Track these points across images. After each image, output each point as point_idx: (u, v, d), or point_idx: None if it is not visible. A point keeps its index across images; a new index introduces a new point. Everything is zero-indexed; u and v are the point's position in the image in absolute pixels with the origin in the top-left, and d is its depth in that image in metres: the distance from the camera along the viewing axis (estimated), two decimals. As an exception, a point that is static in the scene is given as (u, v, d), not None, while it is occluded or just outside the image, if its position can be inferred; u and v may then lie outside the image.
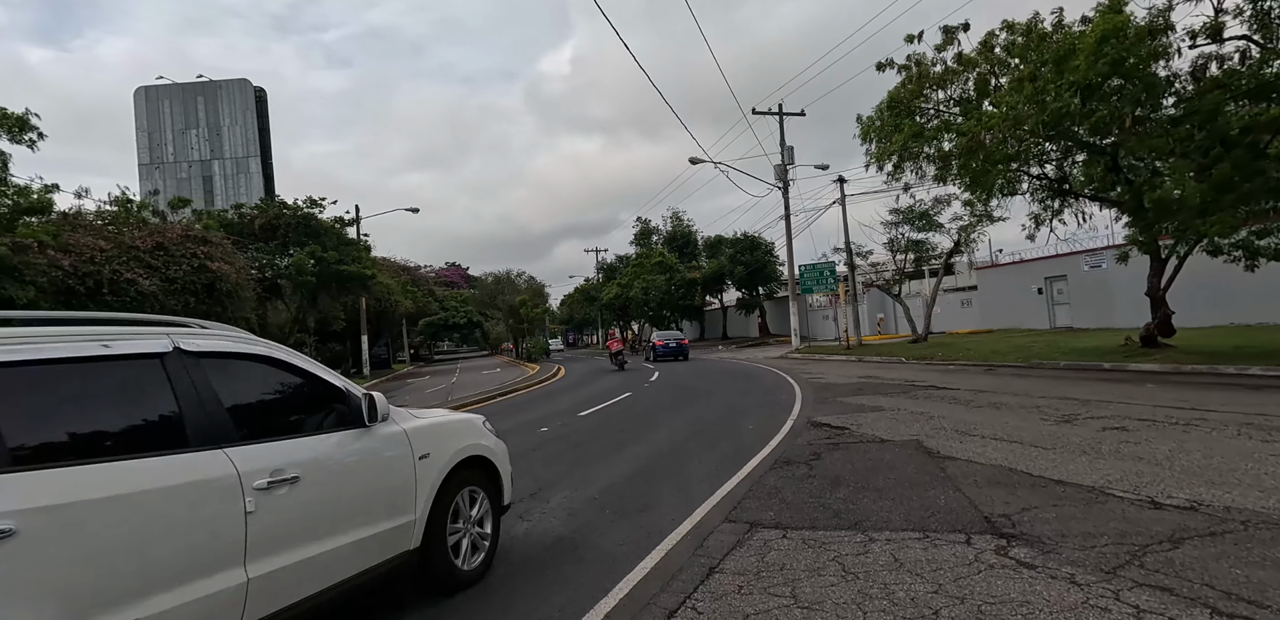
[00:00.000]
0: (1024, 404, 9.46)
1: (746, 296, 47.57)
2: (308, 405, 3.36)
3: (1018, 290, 28.04)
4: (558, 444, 9.05)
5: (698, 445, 8.22)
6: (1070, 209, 16.19)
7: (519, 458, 8.07)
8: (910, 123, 12.72)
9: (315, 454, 3.11)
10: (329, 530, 3.06)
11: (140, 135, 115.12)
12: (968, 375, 14.40)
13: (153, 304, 15.97)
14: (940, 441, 7.14)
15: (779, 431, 8.67)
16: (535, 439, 9.64)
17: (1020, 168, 15.05)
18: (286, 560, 2.80)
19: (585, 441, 9.14)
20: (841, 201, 25.22)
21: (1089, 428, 7.33)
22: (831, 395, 12.24)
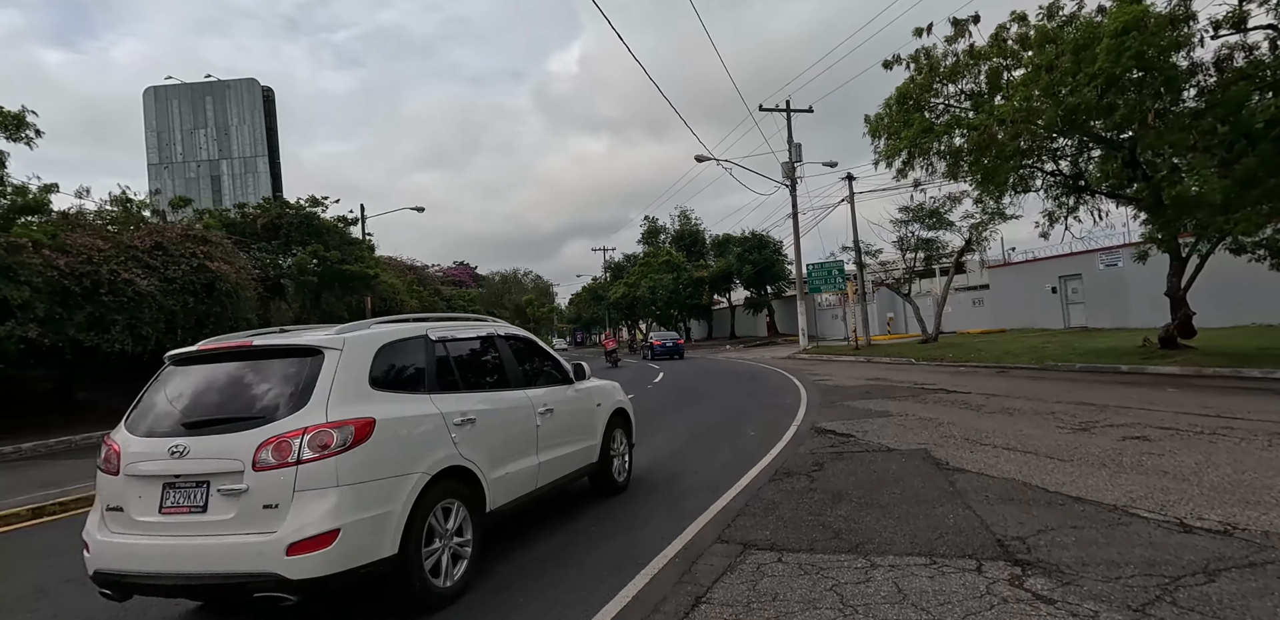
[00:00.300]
0: (1038, 409, 9.07)
1: (755, 296, 47.15)
2: (548, 368, 5.60)
3: (1031, 289, 27.50)
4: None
5: (696, 452, 7.89)
6: (1086, 206, 15.71)
7: None
8: (920, 118, 12.31)
9: (558, 397, 5.35)
10: (566, 441, 5.33)
11: (149, 135, 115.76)
12: (979, 377, 13.99)
13: (150, 304, 15.81)
14: (949, 451, 6.77)
15: (781, 438, 8.33)
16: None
17: (1034, 164, 14.62)
18: (549, 456, 5.02)
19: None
20: (850, 199, 24.78)
21: (1108, 437, 6.94)
22: (837, 399, 11.88)
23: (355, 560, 3.25)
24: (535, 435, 4.85)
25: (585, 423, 5.68)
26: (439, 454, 3.85)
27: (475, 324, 5.10)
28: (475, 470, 4.07)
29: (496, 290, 48.30)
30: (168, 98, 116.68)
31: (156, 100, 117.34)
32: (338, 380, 3.56)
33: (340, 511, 3.23)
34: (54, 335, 14.19)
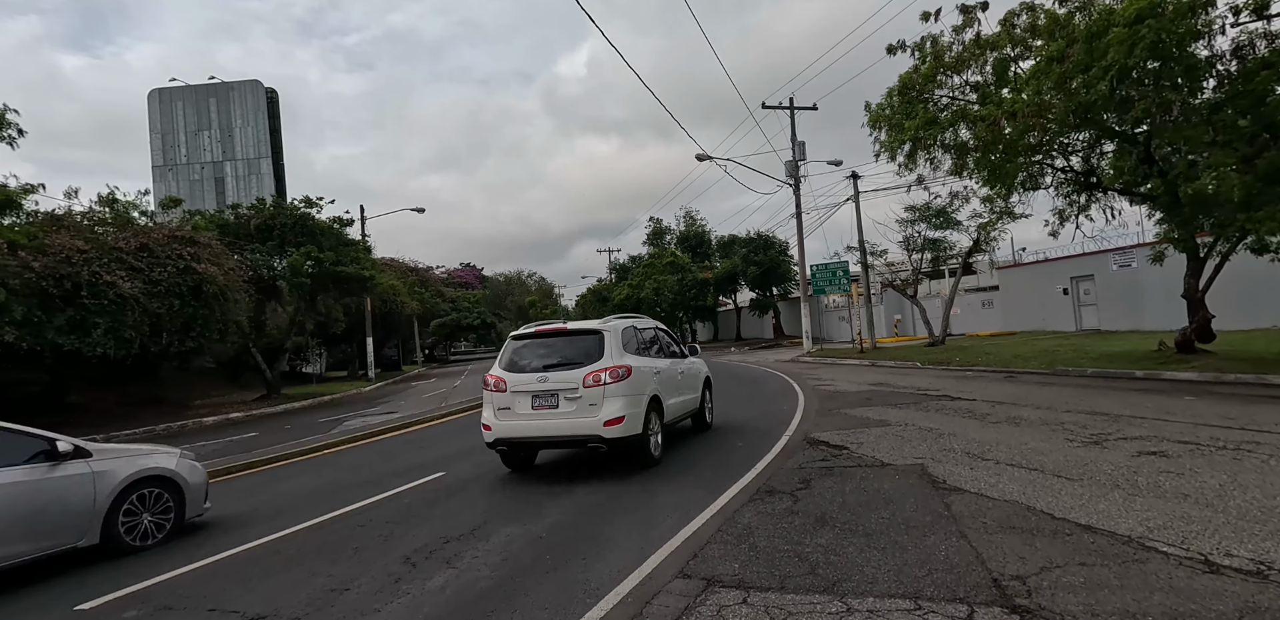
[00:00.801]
0: (1046, 419, 8.50)
1: (760, 297, 46.51)
2: (677, 349, 9.10)
3: (1042, 290, 26.80)
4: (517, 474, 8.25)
5: (677, 465, 7.39)
6: (1098, 204, 15.08)
7: (475, 481, 7.29)
8: (923, 110, 11.75)
9: (685, 365, 8.93)
10: (689, 390, 8.94)
11: (154, 137, 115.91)
12: (986, 383, 13.40)
13: (133, 307, 15.49)
14: (948, 467, 6.24)
15: (770, 450, 7.82)
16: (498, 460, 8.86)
17: (1043, 160, 14.02)
18: (682, 397, 8.66)
19: (555, 460, 8.34)
20: (855, 198, 24.18)
21: (1121, 452, 6.39)
22: (836, 406, 11.34)
23: (628, 432, 6.93)
24: (678, 383, 8.59)
25: (695, 382, 9.33)
26: (651, 387, 7.51)
27: (648, 321, 8.91)
28: (661, 398, 7.76)
29: (500, 291, 47.99)
30: (172, 100, 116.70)
31: (161, 102, 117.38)
32: (612, 346, 7.21)
33: (623, 407, 6.91)
34: (32, 339, 13.88)
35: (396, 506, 6.58)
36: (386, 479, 7.90)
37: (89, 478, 5.46)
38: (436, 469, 8.27)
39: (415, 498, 6.91)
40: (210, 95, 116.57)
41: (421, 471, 8.16)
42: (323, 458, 10.03)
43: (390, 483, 7.64)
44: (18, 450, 5.20)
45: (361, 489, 7.47)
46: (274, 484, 8.23)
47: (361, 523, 6.00)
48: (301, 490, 7.69)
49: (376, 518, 6.21)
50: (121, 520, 5.60)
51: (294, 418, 18.30)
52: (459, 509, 6.28)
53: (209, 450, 12.34)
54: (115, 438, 15.51)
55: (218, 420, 18.46)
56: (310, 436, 12.76)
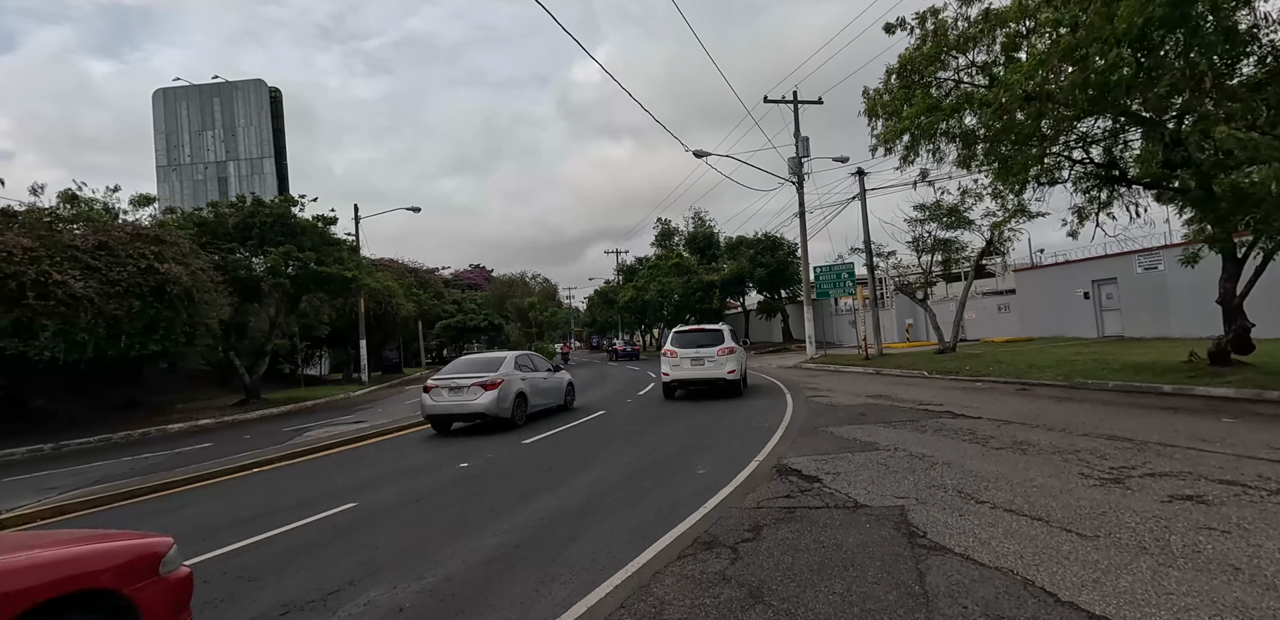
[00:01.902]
0: (1059, 446, 7.29)
1: (768, 300, 45.24)
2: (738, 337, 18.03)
3: (1061, 294, 25.35)
4: (446, 495, 7.21)
5: (617, 501, 6.29)
6: (1121, 200, 13.77)
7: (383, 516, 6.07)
8: (923, 94, 10.55)
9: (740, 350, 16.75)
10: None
11: (158, 138, 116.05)
12: (995, 397, 12.16)
13: (86, 308, 14.65)
14: (933, 512, 5.10)
15: (732, 480, 6.70)
16: (429, 483, 7.82)
17: (1060, 151, 12.75)
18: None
19: (487, 490, 7.27)
20: (861, 196, 22.89)
21: (1149, 495, 5.20)
22: (824, 422, 10.18)
23: (738, 377, 14.85)
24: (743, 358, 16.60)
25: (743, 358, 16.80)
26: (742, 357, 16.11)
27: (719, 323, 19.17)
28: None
29: (501, 293, 47.05)
30: (176, 99, 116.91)
31: (165, 102, 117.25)
32: (729, 336, 15.09)
33: (735, 366, 14.71)
34: (-32, 342, 13.05)
35: (269, 552, 5.54)
36: (289, 511, 6.88)
37: (564, 378, 15.10)
38: (353, 497, 7.23)
39: (300, 539, 5.87)
40: (214, 95, 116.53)
41: (334, 500, 7.13)
42: (243, 479, 9.04)
43: (288, 516, 6.61)
44: (548, 367, 14.50)
45: (250, 524, 6.45)
46: (161, 516, 7.24)
47: (211, 576, 4.97)
48: (183, 524, 6.68)
49: (236, 567, 5.18)
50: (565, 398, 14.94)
51: (263, 425, 17.42)
52: (338, 556, 5.24)
53: (148, 464, 11.43)
54: (65, 447, 14.72)
55: (184, 427, 17.61)
56: (256, 449, 11.81)
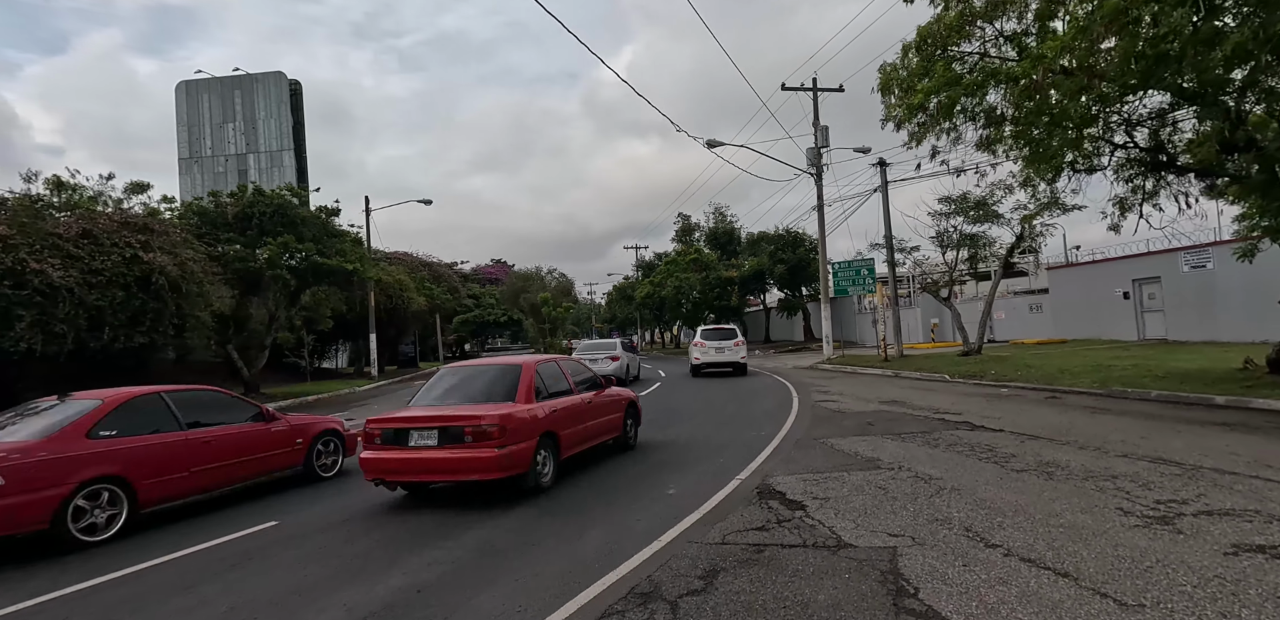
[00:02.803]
0: (1093, 469, 6.21)
1: (789, 297, 43.93)
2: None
3: (1098, 294, 23.80)
4: (368, 521, 6.37)
5: (567, 525, 5.39)
6: (1168, 189, 12.47)
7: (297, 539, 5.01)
8: (944, 66, 9.40)
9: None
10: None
11: (180, 130, 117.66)
12: (1021, 406, 11.00)
13: (65, 298, 14.18)
14: (932, 559, 4.10)
15: (703, 505, 5.76)
16: (347, 505, 6.99)
17: (1100, 135, 11.51)
18: None
19: (412, 513, 6.42)
20: (883, 189, 21.64)
21: (1207, 544, 4.14)
22: (826, 433, 9.16)
23: (745, 361, 21.88)
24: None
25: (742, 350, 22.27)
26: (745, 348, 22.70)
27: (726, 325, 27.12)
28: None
29: (516, 288, 46.43)
30: (198, 92, 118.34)
31: (188, 95, 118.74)
32: (740, 334, 22.44)
33: (744, 354, 21.65)
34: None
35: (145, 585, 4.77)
36: (207, 527, 6.11)
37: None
38: (278, 513, 6.44)
39: (188, 566, 5.08)
40: (235, 87, 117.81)
41: (258, 517, 6.34)
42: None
43: (202, 534, 5.84)
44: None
45: (154, 544, 5.70)
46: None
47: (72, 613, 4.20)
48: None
49: (99, 603, 4.40)
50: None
51: (251, 421, 16.87)
52: (217, 594, 4.42)
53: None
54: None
55: (172, 422, 17.13)
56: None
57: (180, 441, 6.64)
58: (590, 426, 7.88)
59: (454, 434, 6.13)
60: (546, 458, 6.78)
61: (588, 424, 7.80)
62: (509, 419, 6.25)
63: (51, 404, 6.57)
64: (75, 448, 5.79)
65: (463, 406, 6.64)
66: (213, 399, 7.61)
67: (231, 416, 7.41)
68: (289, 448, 7.81)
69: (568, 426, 7.23)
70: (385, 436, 6.39)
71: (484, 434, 6.06)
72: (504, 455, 6.07)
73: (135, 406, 6.51)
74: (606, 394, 8.54)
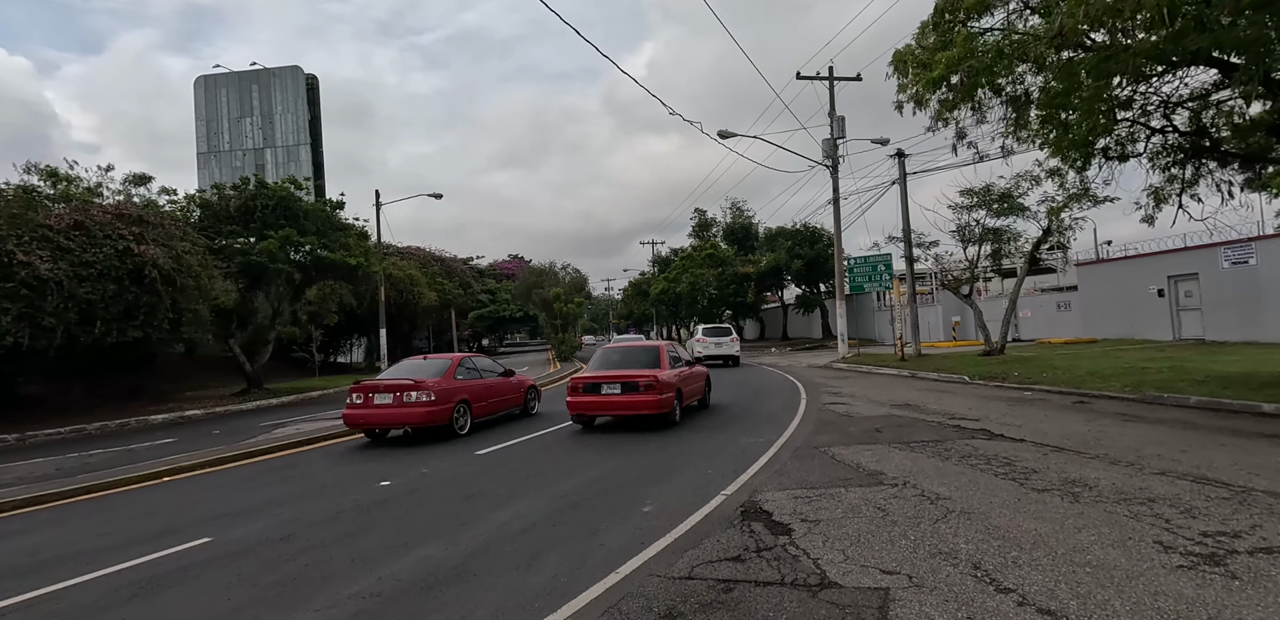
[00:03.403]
0: (1125, 490, 5.45)
1: (807, 293, 42.97)
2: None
3: (1131, 291, 22.65)
4: (326, 531, 5.81)
5: (512, 554, 4.78)
6: (1209, 178, 11.51)
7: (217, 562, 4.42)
8: (965, 38, 8.54)
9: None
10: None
11: (199, 125, 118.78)
12: (1045, 411, 10.18)
13: (54, 291, 13.89)
14: (931, 606, 3.42)
15: (677, 527, 5.12)
16: (322, 511, 6.46)
17: (1136, 117, 10.60)
18: None
19: (376, 524, 5.84)
20: (901, 181, 20.69)
21: (1269, 593, 3.40)
22: (829, 440, 8.45)
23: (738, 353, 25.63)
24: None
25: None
26: None
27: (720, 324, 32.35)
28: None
29: (529, 283, 45.94)
30: (216, 86, 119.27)
31: (206, 89, 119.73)
32: (734, 331, 27.54)
33: (738, 348, 25.77)
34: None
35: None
36: (130, 545, 5.61)
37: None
38: (213, 530, 5.91)
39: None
40: (252, 82, 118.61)
41: (188, 534, 5.82)
42: (139, 492, 7.85)
43: (120, 554, 5.34)
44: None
45: (71, 563, 5.20)
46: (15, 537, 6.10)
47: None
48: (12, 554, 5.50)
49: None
50: None
51: (247, 418, 16.55)
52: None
53: (79, 463, 10.48)
54: (30, 439, 14.03)
55: (167, 419, 16.89)
56: (200, 449, 10.74)
57: (481, 383, 11.52)
58: (694, 388, 11.76)
59: (630, 386, 10.00)
60: (677, 405, 10.47)
61: (692, 387, 11.62)
62: (659, 377, 10.09)
63: (421, 362, 11.64)
64: (451, 383, 10.65)
65: (632, 370, 10.40)
66: (484, 362, 12.46)
67: (493, 372, 12.23)
68: (518, 393, 12.74)
69: (686, 387, 11.13)
70: (586, 387, 10.35)
71: (649, 386, 9.90)
72: (660, 399, 9.93)
73: (463, 363, 11.44)
74: (697, 369, 12.48)
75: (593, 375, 10.39)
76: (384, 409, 9.97)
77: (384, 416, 10.00)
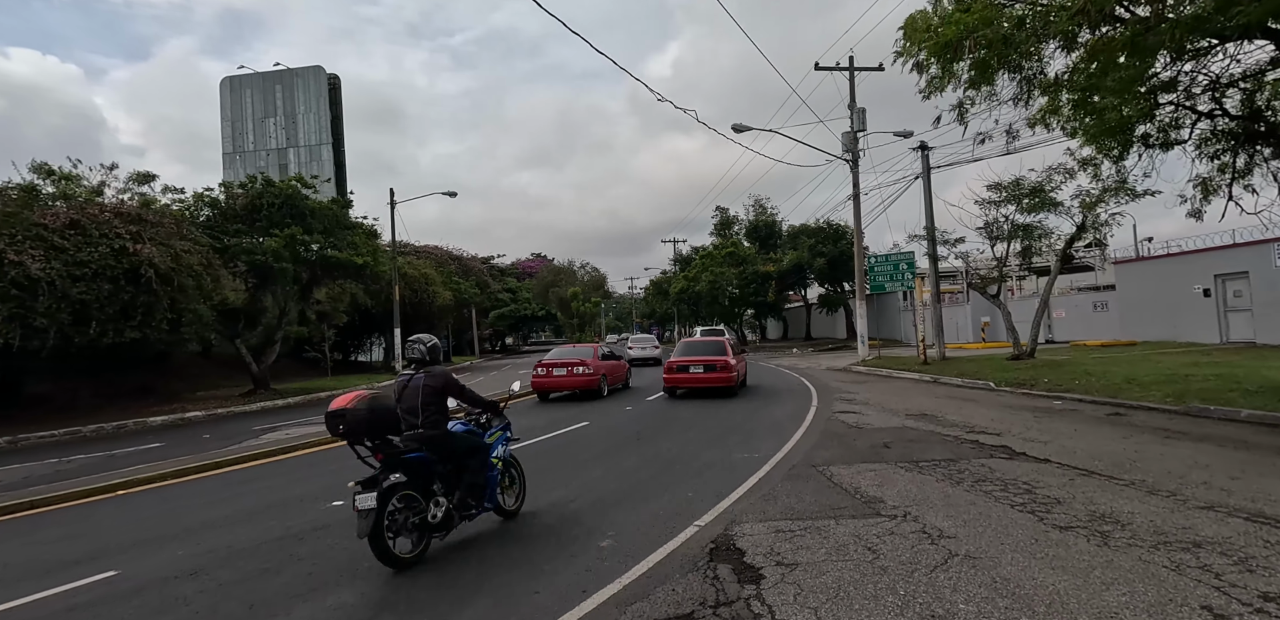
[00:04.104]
0: (1167, 529, 4.61)
1: (830, 293, 41.84)
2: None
3: (1173, 291, 21.30)
4: (241, 564, 5.23)
5: (444, 597, 4.13)
6: (1263, 167, 10.42)
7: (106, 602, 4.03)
8: (983, 7, 7.62)
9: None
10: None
11: (225, 125, 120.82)
12: (1076, 424, 9.25)
13: (47, 291, 13.68)
14: (906, 704, 2.67)
15: (628, 571, 4.43)
16: (253, 537, 5.89)
17: (1180, 100, 9.60)
18: None
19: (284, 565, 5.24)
20: (925, 175, 19.64)
21: (1362, 698, 2.59)
22: (831, 456, 7.68)
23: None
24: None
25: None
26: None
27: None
28: None
29: (546, 281, 45.53)
30: (241, 87, 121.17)
31: (231, 90, 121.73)
32: (727, 332, 38.55)
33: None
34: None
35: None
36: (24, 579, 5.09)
37: None
38: (125, 561, 5.37)
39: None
40: (276, 82, 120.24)
41: (96, 565, 5.27)
42: (81, 508, 7.40)
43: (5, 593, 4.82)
44: None
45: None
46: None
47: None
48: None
49: None
50: None
51: (244, 421, 16.25)
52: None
53: (54, 471, 10.16)
54: (22, 441, 13.84)
55: (167, 420, 16.68)
56: (176, 457, 10.34)
57: (608, 363, 16.87)
58: (743, 370, 15.87)
59: (709, 366, 14.29)
60: (742, 382, 15.20)
61: (743, 369, 15.90)
62: (729, 361, 14.48)
63: (573, 348, 17.69)
64: (598, 362, 16.21)
65: (708, 356, 14.72)
66: (607, 350, 17.74)
67: (615, 357, 17.39)
68: (624, 371, 17.73)
69: (742, 369, 15.50)
70: (678, 368, 14.59)
71: (724, 366, 14.25)
72: (730, 376, 14.24)
73: (599, 349, 16.99)
74: (743, 357, 16.55)
75: (683, 359, 14.64)
76: (560, 378, 15.72)
77: (560, 382, 15.76)
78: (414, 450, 4.75)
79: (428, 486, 4.79)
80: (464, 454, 5.08)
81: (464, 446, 5.10)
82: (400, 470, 4.55)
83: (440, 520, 4.77)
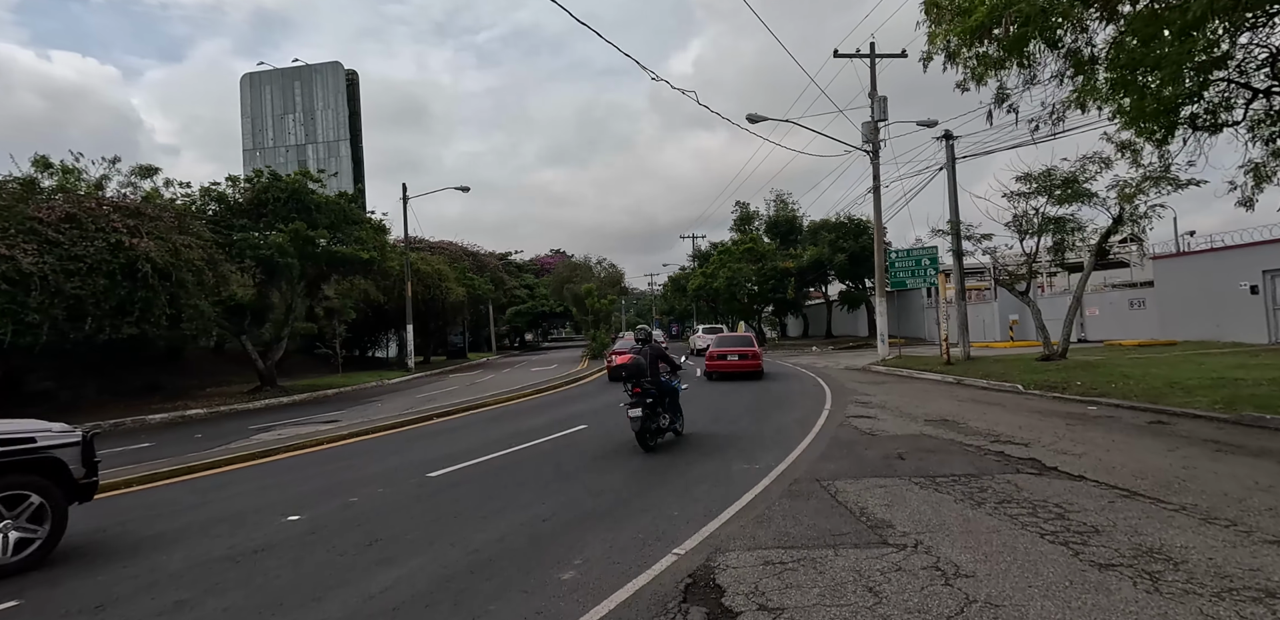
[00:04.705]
0: (1230, 570, 3.87)
1: (851, 289, 40.78)
2: None
3: (1217, 287, 20.10)
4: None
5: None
6: (1325, 153, 9.45)
7: None
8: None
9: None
10: None
11: (245, 121, 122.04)
12: (1113, 434, 8.42)
13: (40, 287, 13.42)
14: None
15: (587, 613, 3.79)
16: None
17: (1230, 77, 8.70)
18: None
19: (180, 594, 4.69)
20: (949, 166, 18.68)
21: None
22: (837, 469, 6.97)
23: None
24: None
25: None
26: None
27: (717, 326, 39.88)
28: None
29: (562, 277, 45.04)
30: (261, 83, 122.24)
31: (251, 87, 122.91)
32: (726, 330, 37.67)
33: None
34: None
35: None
36: None
37: None
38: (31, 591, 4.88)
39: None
40: (295, 78, 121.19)
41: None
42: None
43: None
44: None
45: None
46: None
47: None
48: None
49: None
50: None
51: (241, 420, 15.94)
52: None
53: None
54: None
55: (168, 418, 16.44)
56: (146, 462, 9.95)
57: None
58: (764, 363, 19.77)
59: (743, 355, 18.61)
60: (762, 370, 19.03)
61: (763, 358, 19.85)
62: (757, 350, 19.05)
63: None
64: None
65: (740, 347, 19.07)
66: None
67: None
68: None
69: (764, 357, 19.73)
70: (718, 356, 18.69)
71: (754, 355, 18.65)
72: (758, 363, 18.67)
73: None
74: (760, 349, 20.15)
75: (721, 349, 18.73)
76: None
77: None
78: (648, 391, 8.48)
79: (656, 409, 8.62)
80: (670, 393, 9.09)
81: (669, 389, 9.08)
82: (645, 399, 8.35)
83: (666, 427, 8.89)
